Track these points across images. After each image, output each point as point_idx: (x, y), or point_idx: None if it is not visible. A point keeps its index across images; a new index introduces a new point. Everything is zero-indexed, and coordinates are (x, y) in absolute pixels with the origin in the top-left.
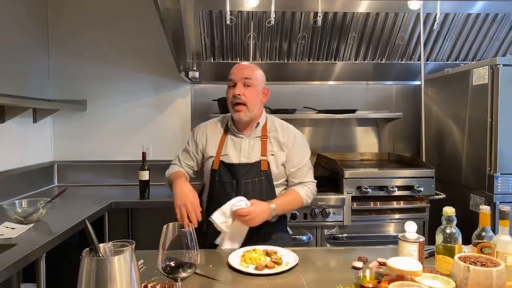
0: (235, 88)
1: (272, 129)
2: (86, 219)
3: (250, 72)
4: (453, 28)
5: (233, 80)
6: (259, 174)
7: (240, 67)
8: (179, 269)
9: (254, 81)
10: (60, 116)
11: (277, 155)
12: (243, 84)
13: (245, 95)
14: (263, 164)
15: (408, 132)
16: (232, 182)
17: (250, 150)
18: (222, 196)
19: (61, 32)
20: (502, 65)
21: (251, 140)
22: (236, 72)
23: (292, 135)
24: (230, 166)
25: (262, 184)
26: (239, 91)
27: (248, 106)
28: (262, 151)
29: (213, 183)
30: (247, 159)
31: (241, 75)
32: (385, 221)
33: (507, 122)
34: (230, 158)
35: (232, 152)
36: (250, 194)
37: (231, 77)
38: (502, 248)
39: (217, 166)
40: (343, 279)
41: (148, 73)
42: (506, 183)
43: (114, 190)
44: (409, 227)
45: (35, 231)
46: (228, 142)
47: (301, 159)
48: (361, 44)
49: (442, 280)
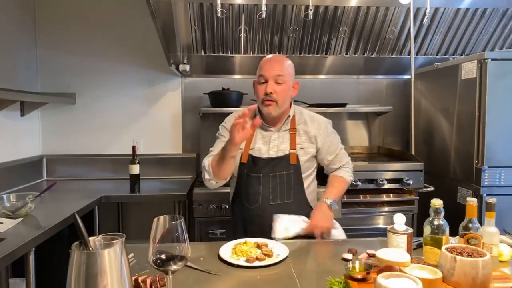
0: (267, 85)
1: (300, 121)
2: (75, 213)
3: (282, 68)
4: (443, 23)
5: (264, 77)
6: (287, 167)
7: (271, 62)
8: (170, 262)
9: (286, 77)
10: (49, 110)
11: (306, 148)
12: (275, 81)
13: (276, 92)
14: (292, 157)
15: (398, 125)
16: (259, 175)
17: (279, 143)
18: (249, 188)
19: (49, 23)
20: (490, 59)
21: (280, 133)
22: (268, 68)
23: (323, 126)
24: (258, 160)
25: (290, 177)
26: (271, 89)
27: (279, 103)
28: (291, 144)
29: (241, 176)
30: (276, 153)
31: (273, 72)
32: (375, 214)
33: (494, 116)
34: (259, 151)
35: (261, 145)
36: (278, 187)
37: (262, 73)
38: (488, 239)
39: (245, 160)
40: (333, 271)
41: (138, 66)
42: (493, 176)
43: (104, 184)
44: (398, 219)
45: (23, 226)
46: (257, 135)
47: (336, 145)
48: (352, 38)
49: (429, 271)
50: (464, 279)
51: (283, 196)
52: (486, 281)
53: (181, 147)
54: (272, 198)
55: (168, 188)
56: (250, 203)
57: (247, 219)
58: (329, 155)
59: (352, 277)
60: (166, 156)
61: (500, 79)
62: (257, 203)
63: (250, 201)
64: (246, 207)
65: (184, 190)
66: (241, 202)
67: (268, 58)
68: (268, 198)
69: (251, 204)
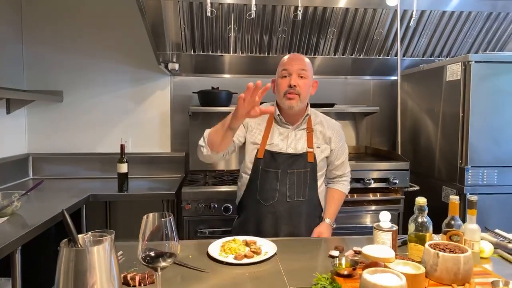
0: (291, 78)
1: (316, 122)
2: (64, 209)
3: (304, 63)
4: (429, 25)
5: (288, 70)
6: (305, 165)
7: (295, 57)
8: (159, 259)
9: (308, 72)
10: (35, 107)
11: (322, 148)
12: (298, 75)
13: (299, 86)
14: (309, 155)
15: (385, 126)
16: (277, 171)
17: (296, 141)
18: (265, 184)
19: (36, 19)
20: (474, 61)
21: (297, 131)
22: (292, 62)
23: (336, 129)
24: (276, 155)
25: (307, 176)
26: (295, 81)
27: (301, 97)
28: (308, 143)
29: (256, 171)
30: (294, 150)
31: (296, 66)
32: (361, 213)
33: (478, 117)
34: (277, 147)
35: (279, 141)
36: (295, 184)
37: (286, 67)
38: (470, 236)
39: (262, 155)
40: (320, 267)
41: (127, 64)
42: (476, 176)
43: (91, 183)
44: (383, 216)
45: (9, 224)
46: (275, 131)
47: (345, 151)
48: (340, 39)
49: (413, 266)
50: (446, 274)
51: (299, 194)
52: (468, 276)
53: (170, 146)
54: (289, 195)
55: (156, 187)
56: (265, 200)
57: (260, 216)
58: (337, 160)
59: (339, 273)
60: (155, 155)
61: (484, 81)
62: (273, 200)
63: (266, 198)
64: (261, 204)
65: (172, 189)
66: (255, 198)
67: (291, 55)
68: (285, 195)
69: (267, 201)
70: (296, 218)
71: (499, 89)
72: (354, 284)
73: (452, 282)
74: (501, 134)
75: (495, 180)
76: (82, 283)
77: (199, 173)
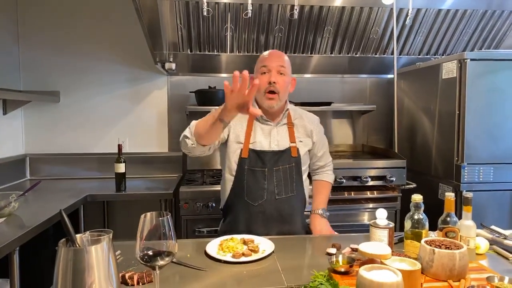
0: (271, 75)
1: (296, 116)
2: (61, 209)
3: (283, 60)
4: (425, 23)
5: (267, 67)
6: (289, 160)
7: (274, 54)
8: (157, 258)
9: (287, 69)
10: (32, 108)
11: (304, 142)
12: (277, 71)
13: (279, 83)
14: (293, 150)
15: (382, 124)
16: (263, 170)
17: (279, 137)
18: (253, 184)
19: (32, 20)
20: (469, 59)
21: (278, 127)
22: (271, 59)
23: (316, 122)
24: (261, 153)
25: (293, 171)
26: (275, 78)
27: (280, 95)
28: (290, 138)
29: (241, 171)
30: (277, 146)
31: (276, 63)
32: (359, 210)
33: (473, 115)
34: (261, 145)
35: (262, 139)
36: (282, 181)
37: (265, 63)
38: (466, 232)
39: (246, 154)
40: (317, 265)
41: (124, 64)
42: (472, 173)
43: (89, 183)
44: (380, 213)
45: (7, 225)
46: (256, 129)
47: (325, 142)
48: (336, 37)
49: (409, 263)
50: (442, 270)
51: (287, 190)
52: (463, 272)
53: (167, 145)
54: (277, 192)
55: (154, 187)
56: (254, 200)
57: (250, 217)
58: (319, 151)
59: (336, 270)
60: (152, 155)
61: (479, 79)
62: (262, 199)
63: (254, 198)
64: (249, 205)
65: (170, 189)
66: (242, 200)
67: (270, 52)
68: (274, 193)
69: (256, 201)
70: (286, 215)
71: (494, 86)
72: (351, 281)
73: (447, 278)
74: (497, 131)
75: (491, 177)
76: (80, 283)
77: (196, 173)
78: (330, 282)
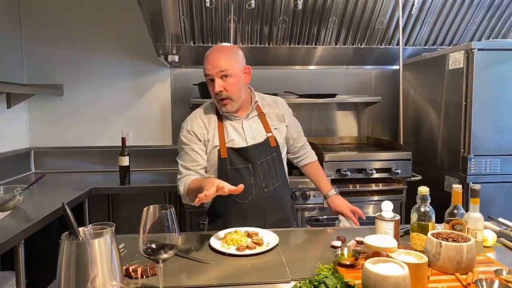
0: (214, 84)
1: (265, 105)
2: (64, 202)
3: (224, 62)
4: (431, 13)
5: (209, 76)
6: (270, 151)
7: (212, 58)
8: (160, 251)
9: (231, 70)
10: (36, 101)
11: (279, 128)
12: (221, 77)
13: (226, 88)
14: (271, 140)
15: (387, 116)
16: (247, 166)
17: (253, 130)
18: (240, 182)
19: (35, 13)
20: (477, 49)
21: (249, 120)
22: (211, 65)
23: (285, 106)
24: (241, 150)
25: (275, 161)
26: (219, 87)
27: (233, 98)
28: (265, 128)
29: (224, 172)
30: (254, 140)
31: (215, 69)
32: (364, 203)
33: (480, 106)
34: (238, 142)
35: (236, 136)
36: (267, 173)
37: (206, 72)
38: (473, 225)
39: (225, 154)
40: (322, 258)
41: (127, 57)
42: (479, 164)
43: (93, 176)
44: (386, 206)
45: (12, 218)
46: (228, 127)
47: (297, 123)
48: (341, 28)
49: (415, 256)
50: (449, 263)
51: (273, 181)
52: (471, 265)
53: (171, 138)
54: (265, 185)
55: (158, 180)
56: (243, 197)
57: (241, 215)
58: (294, 133)
59: (341, 263)
60: (156, 148)
61: (487, 69)
62: (251, 195)
63: (243, 195)
64: (238, 203)
65: (174, 182)
66: (230, 200)
67: (208, 54)
68: (262, 187)
69: (245, 198)
70: (276, 205)
71: (502, 77)
72: (357, 274)
73: (455, 271)
74: (504, 122)
75: (498, 169)
76: (83, 276)
77: None
78: (335, 275)
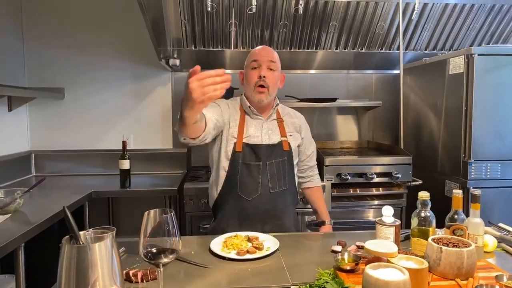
0: (261, 69)
1: (284, 113)
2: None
3: (274, 56)
4: (431, 18)
5: (258, 61)
6: (281, 154)
7: (265, 49)
8: (161, 255)
9: (277, 64)
10: (37, 105)
11: (294, 136)
12: (267, 67)
13: (268, 78)
14: (284, 144)
15: (387, 120)
16: (258, 164)
17: (270, 131)
18: (247, 178)
19: (37, 16)
20: (477, 54)
21: (269, 122)
22: (262, 54)
23: (303, 120)
24: (255, 147)
25: (285, 165)
26: (265, 72)
27: (270, 90)
28: (281, 132)
29: (235, 166)
30: (269, 140)
31: (266, 58)
32: (364, 207)
33: (481, 111)
34: (254, 139)
35: (254, 133)
36: (275, 174)
37: (256, 58)
38: (473, 230)
39: (240, 148)
40: (323, 263)
41: (128, 61)
42: (479, 169)
43: (94, 180)
44: (386, 211)
45: (12, 222)
46: (248, 123)
47: (313, 144)
48: (342, 33)
49: (416, 261)
50: (450, 268)
51: (280, 184)
52: (471, 270)
53: (172, 142)
54: (271, 186)
55: (158, 183)
56: (248, 194)
57: (243, 213)
58: (308, 149)
59: (341, 268)
60: (157, 151)
61: (487, 74)
62: (256, 193)
63: (248, 192)
64: (242, 199)
65: (175, 185)
66: (235, 195)
67: (261, 47)
68: (268, 187)
69: (250, 195)
70: (279, 209)
71: (502, 82)
72: (357, 279)
73: (455, 276)
74: (504, 127)
75: (499, 174)
76: (84, 280)
77: (201, 169)
78: (336, 280)
